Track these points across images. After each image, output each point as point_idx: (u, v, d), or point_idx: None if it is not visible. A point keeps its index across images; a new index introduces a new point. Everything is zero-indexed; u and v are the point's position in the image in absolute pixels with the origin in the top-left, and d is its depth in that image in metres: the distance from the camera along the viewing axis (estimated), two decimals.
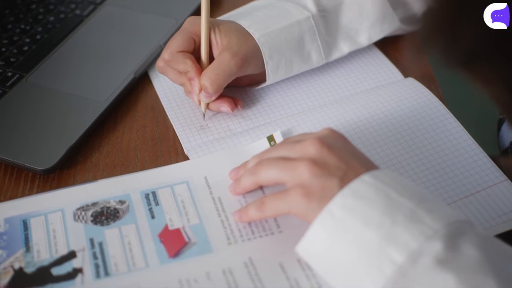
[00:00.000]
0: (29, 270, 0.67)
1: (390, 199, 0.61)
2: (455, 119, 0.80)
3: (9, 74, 0.89)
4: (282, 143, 0.70)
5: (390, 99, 0.83)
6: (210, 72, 0.79)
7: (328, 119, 0.81)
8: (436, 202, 0.63)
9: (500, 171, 0.75)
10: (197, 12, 0.80)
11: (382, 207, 0.60)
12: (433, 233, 0.58)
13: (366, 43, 0.90)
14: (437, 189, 0.73)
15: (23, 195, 0.76)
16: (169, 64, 0.81)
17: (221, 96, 0.82)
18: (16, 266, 0.67)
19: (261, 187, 0.73)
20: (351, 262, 0.60)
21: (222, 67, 0.79)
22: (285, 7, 0.86)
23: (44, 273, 0.66)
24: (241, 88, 0.88)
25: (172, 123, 0.83)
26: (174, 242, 0.69)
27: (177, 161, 0.79)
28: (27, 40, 0.95)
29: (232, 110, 0.82)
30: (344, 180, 0.63)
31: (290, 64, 0.85)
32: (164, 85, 0.89)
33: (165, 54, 0.81)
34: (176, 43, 0.81)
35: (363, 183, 0.62)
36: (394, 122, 0.80)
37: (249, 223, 0.70)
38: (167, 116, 0.85)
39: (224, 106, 0.82)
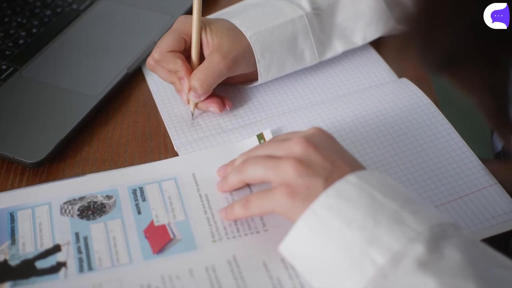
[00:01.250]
0: (13, 262, 0.67)
1: (374, 200, 0.61)
2: (447, 121, 0.80)
3: (4, 67, 0.89)
4: (269, 141, 0.70)
5: (382, 100, 0.82)
6: (200, 73, 0.79)
7: (319, 118, 0.80)
8: (422, 204, 0.62)
9: (491, 174, 0.75)
10: (192, 9, 0.79)
11: (365, 208, 0.60)
12: (416, 236, 0.58)
13: (361, 43, 0.90)
14: (426, 191, 0.73)
15: (12, 187, 0.76)
16: (159, 63, 0.81)
17: (210, 96, 0.81)
18: (1, 258, 0.67)
19: (248, 185, 0.72)
20: (333, 262, 0.60)
21: (212, 68, 0.79)
22: (279, 6, 0.85)
23: (28, 266, 0.66)
24: (233, 86, 0.87)
25: (163, 119, 0.83)
26: (159, 238, 0.68)
27: (166, 157, 0.78)
28: (23, 33, 0.95)
29: (220, 110, 0.82)
30: (329, 180, 0.63)
31: (282, 63, 0.84)
32: (157, 81, 0.89)
33: (155, 54, 0.81)
34: (166, 42, 0.80)
35: (347, 184, 0.62)
36: (386, 123, 0.80)
37: (235, 221, 0.69)
38: (158, 112, 0.85)
39: (213, 106, 0.82)
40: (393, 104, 0.81)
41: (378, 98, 0.82)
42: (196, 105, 0.82)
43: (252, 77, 0.86)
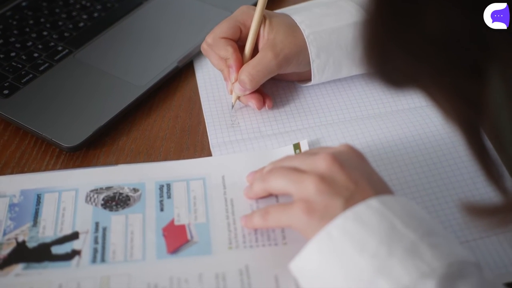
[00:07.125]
0: (31, 244, 0.67)
1: (393, 228, 0.58)
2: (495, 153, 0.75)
3: (59, 48, 0.91)
4: (300, 154, 0.68)
5: (430, 122, 0.78)
6: (251, 68, 0.78)
7: (360, 133, 0.77)
8: (445, 237, 0.59)
9: None
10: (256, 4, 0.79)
11: (381, 236, 0.57)
12: (429, 271, 0.55)
13: None
14: (459, 223, 0.69)
15: (46, 169, 0.77)
16: (211, 47, 0.80)
17: (253, 91, 0.80)
18: (20, 239, 0.68)
19: (276, 195, 0.71)
20: (340, 287, 0.57)
21: (264, 64, 0.78)
22: (347, 7, 0.82)
23: (44, 250, 0.67)
24: (285, 84, 0.85)
25: (205, 117, 0.82)
26: (176, 238, 0.68)
27: (200, 156, 0.78)
28: (85, 16, 0.96)
29: (259, 108, 0.80)
30: (349, 201, 0.60)
31: (338, 66, 0.82)
32: (206, 78, 0.88)
33: (209, 38, 0.81)
34: (221, 29, 0.80)
35: (368, 208, 0.59)
36: (429, 147, 0.76)
37: (255, 230, 0.68)
38: (201, 109, 0.84)
39: (252, 102, 0.80)
40: (440, 128, 0.77)
41: (426, 120, 0.78)
42: (238, 97, 0.81)
43: (308, 76, 0.83)
